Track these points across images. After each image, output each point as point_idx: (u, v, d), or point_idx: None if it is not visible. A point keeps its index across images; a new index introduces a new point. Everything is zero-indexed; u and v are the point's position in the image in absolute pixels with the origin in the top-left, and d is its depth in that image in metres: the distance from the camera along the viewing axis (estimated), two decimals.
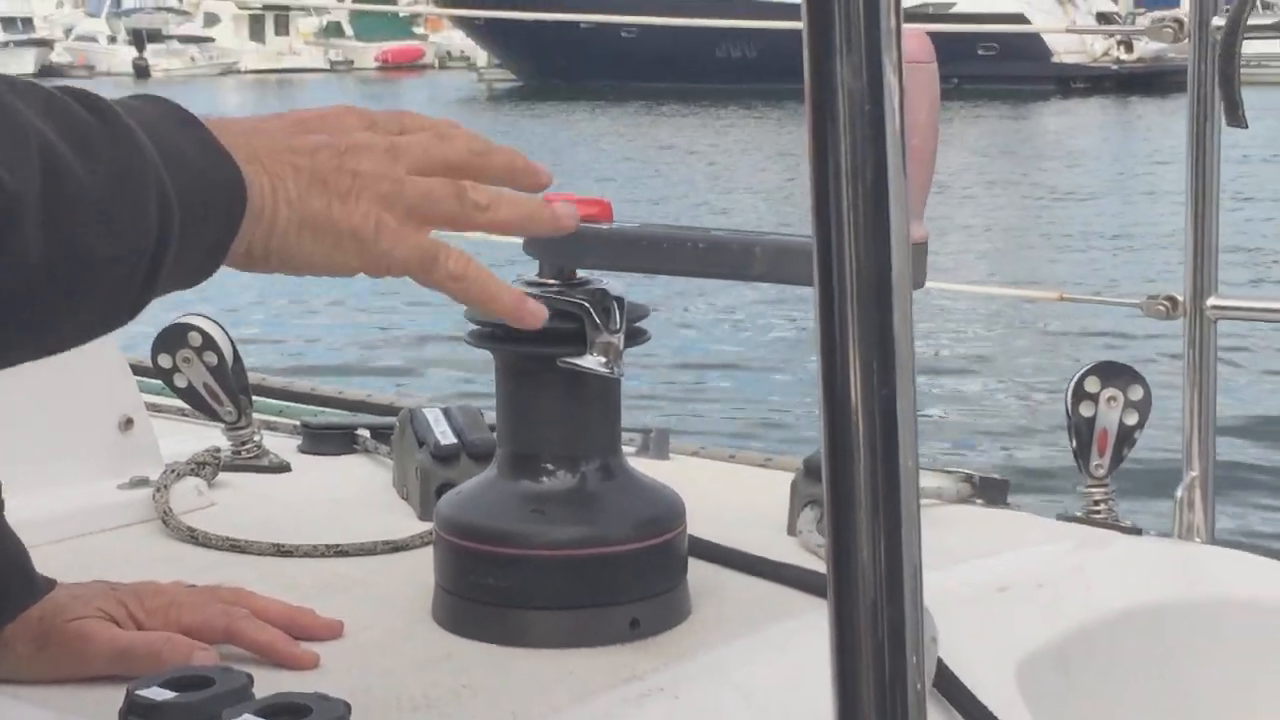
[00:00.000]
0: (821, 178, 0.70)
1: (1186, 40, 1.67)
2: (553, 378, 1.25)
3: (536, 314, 1.05)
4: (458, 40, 46.66)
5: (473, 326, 1.28)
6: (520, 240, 1.29)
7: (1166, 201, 15.42)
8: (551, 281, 1.27)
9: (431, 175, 1.01)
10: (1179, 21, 1.68)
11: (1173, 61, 35.05)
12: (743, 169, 19.81)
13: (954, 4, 33.53)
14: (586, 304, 1.23)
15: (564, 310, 1.24)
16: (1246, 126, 1.59)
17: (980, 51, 31.26)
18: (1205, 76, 1.65)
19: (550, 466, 1.27)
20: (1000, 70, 31.15)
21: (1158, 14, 1.70)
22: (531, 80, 36.12)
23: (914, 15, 32.55)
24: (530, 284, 1.27)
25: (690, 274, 1.21)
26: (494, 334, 1.28)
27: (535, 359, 1.26)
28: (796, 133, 25.16)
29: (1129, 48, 32.16)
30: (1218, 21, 1.63)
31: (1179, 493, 1.69)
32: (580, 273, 1.27)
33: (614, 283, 1.27)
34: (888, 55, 0.69)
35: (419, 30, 50.40)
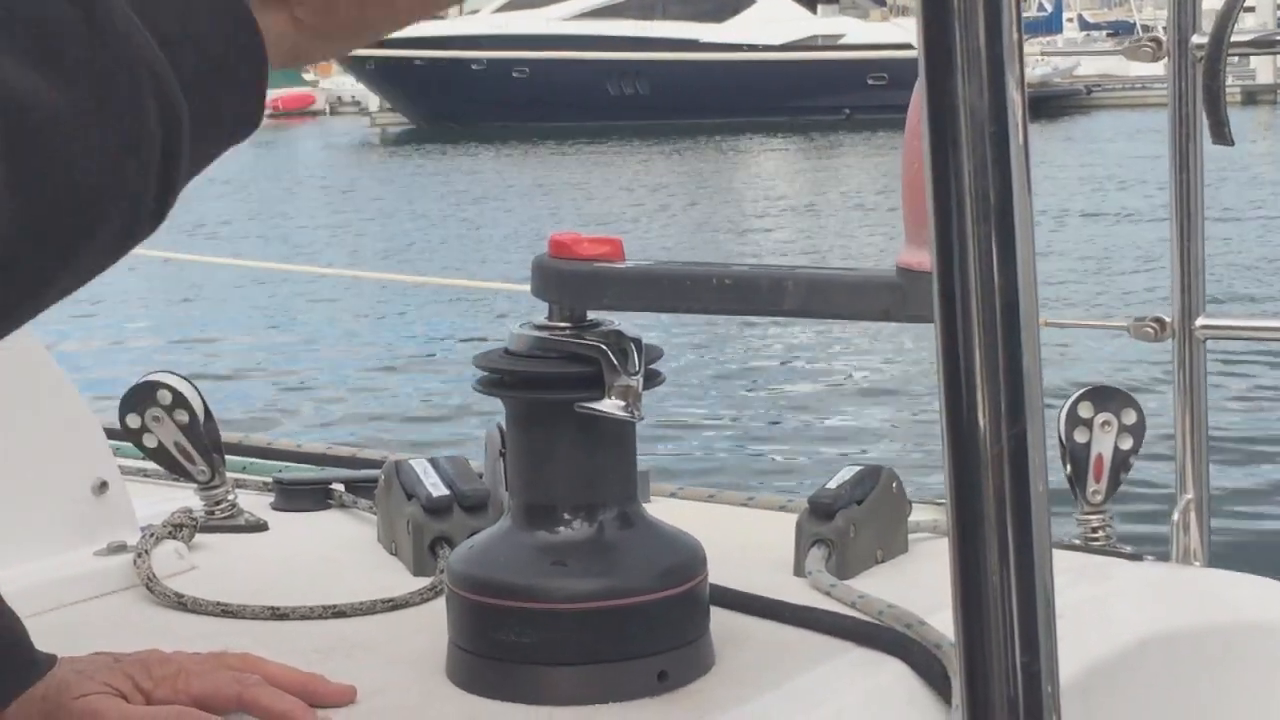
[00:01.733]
0: (943, 204, 0.67)
1: (1165, 59, 1.66)
2: (567, 424, 1.21)
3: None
4: (349, 85, 46.45)
5: (481, 373, 1.24)
6: (529, 285, 1.25)
7: (1067, 222, 15.65)
8: (563, 325, 1.23)
9: None
10: (1157, 41, 1.67)
11: (1059, 86, 35.72)
12: (642, 201, 19.82)
13: (843, 35, 33.93)
14: (604, 347, 1.19)
15: (577, 354, 1.20)
16: (1233, 144, 1.58)
17: (870, 81, 31.62)
18: (1186, 95, 1.64)
19: (568, 516, 1.22)
20: (890, 99, 31.51)
21: (1135, 36, 1.69)
22: (424, 123, 36.00)
23: (802, 46, 32.94)
24: (540, 328, 1.23)
25: (716, 312, 1.17)
26: (504, 380, 1.23)
27: (548, 406, 1.22)
28: (692, 164, 25.28)
29: None
30: (1197, 39, 1.63)
31: (1175, 516, 1.68)
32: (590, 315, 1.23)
33: (625, 324, 1.23)
34: (1011, 73, 0.66)
35: (309, 76, 50.11)
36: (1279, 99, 34.17)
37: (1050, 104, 34.05)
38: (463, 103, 34.69)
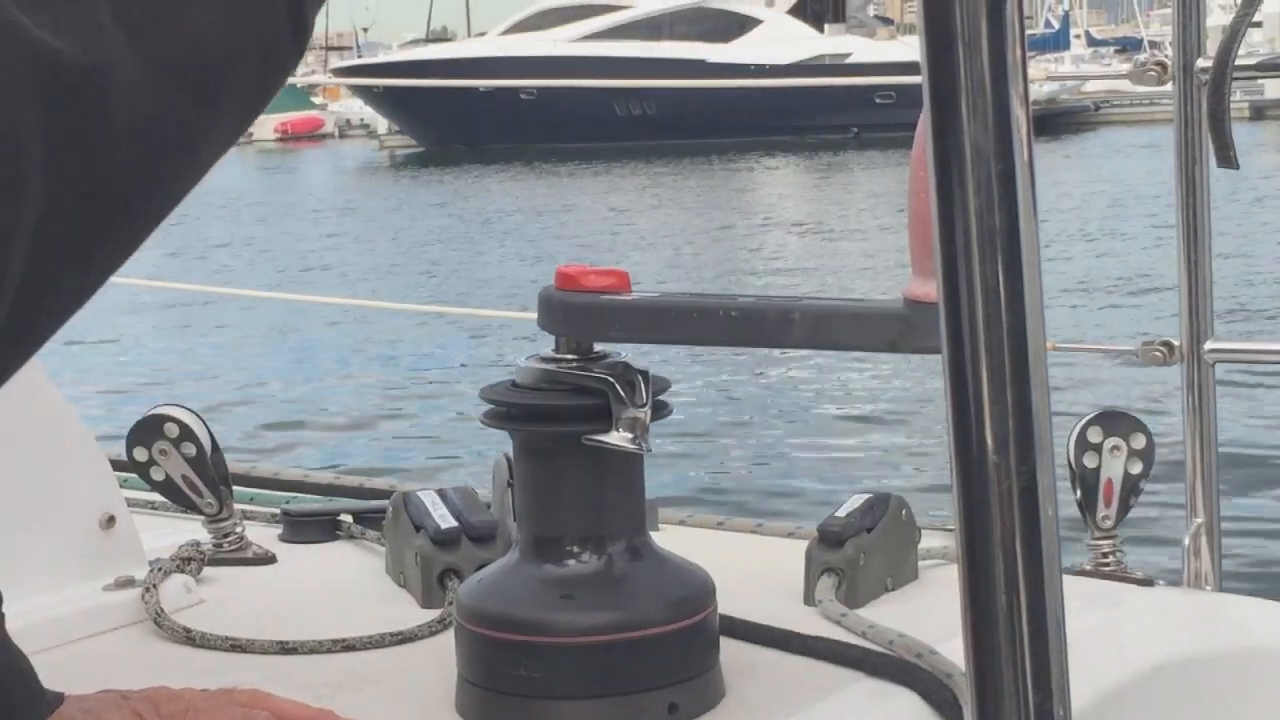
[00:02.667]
0: (949, 239, 0.66)
1: (1171, 83, 1.65)
2: (575, 457, 1.21)
3: None
4: (357, 109, 46.56)
5: (488, 406, 1.24)
6: (535, 315, 1.25)
7: (1073, 245, 15.63)
8: (569, 357, 1.22)
9: None
10: (1162, 64, 1.67)
11: (1066, 103, 35.71)
12: (650, 223, 19.83)
13: (850, 55, 33.96)
14: (611, 379, 1.18)
15: (585, 386, 1.20)
16: (1238, 168, 1.58)
17: (878, 100, 31.63)
18: (1191, 119, 1.64)
19: (576, 549, 1.22)
20: (898, 118, 31.54)
21: (1140, 56, 1.69)
22: (432, 146, 36.06)
23: (810, 66, 33.01)
24: (546, 360, 1.23)
25: (723, 344, 1.17)
26: (511, 414, 1.23)
27: (556, 438, 1.21)
28: (700, 185, 25.30)
29: None
30: (1202, 63, 1.62)
31: (1185, 540, 1.67)
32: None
33: (633, 354, 1.23)
34: (1017, 108, 0.65)
35: (317, 100, 50.21)
36: None
37: (1058, 120, 34.06)
38: (471, 125, 34.75)
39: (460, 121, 34.98)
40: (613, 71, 31.32)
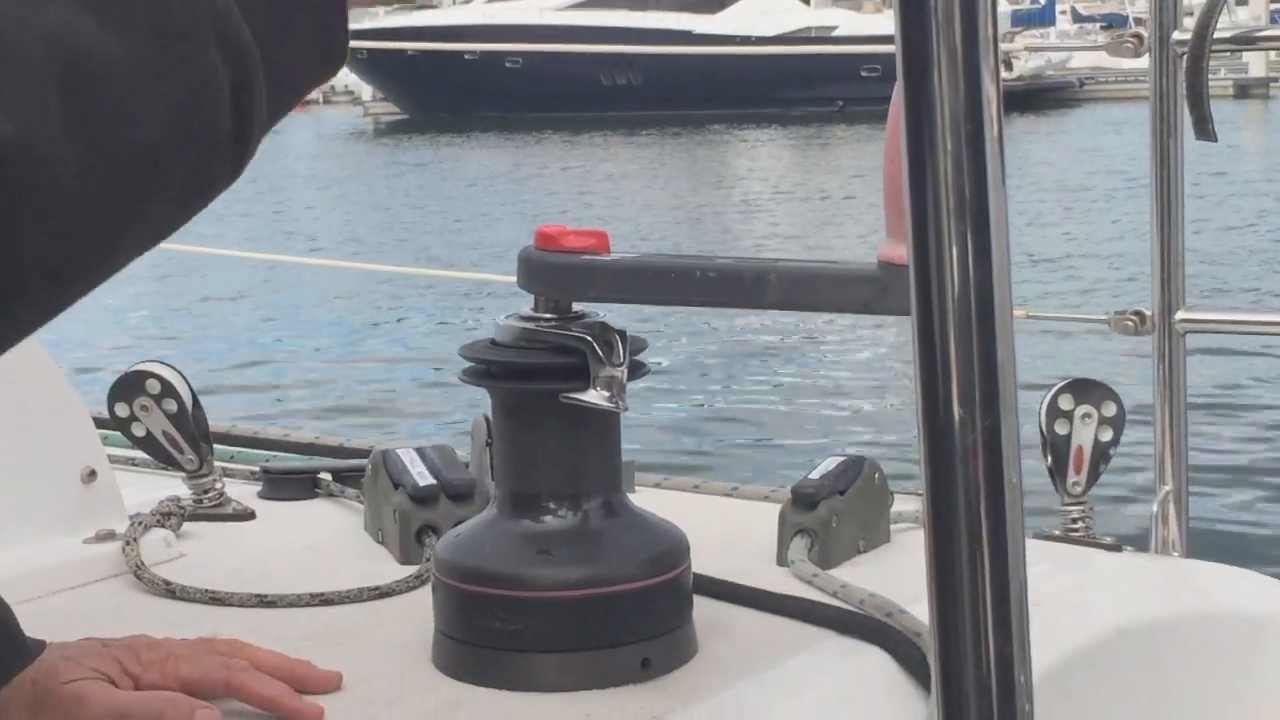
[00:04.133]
0: (920, 201, 0.68)
1: (1147, 55, 1.67)
2: (552, 415, 1.22)
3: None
4: (342, 75, 46.42)
5: (467, 364, 1.25)
6: (515, 276, 1.26)
7: (1053, 219, 15.66)
8: (547, 316, 1.24)
9: None
10: (1139, 36, 1.69)
11: (1051, 79, 35.72)
12: (634, 192, 19.82)
13: (836, 27, 33.92)
14: (589, 338, 1.20)
15: (563, 345, 1.22)
16: (1216, 140, 1.60)
17: (864, 73, 31.61)
18: (1167, 91, 1.66)
19: (552, 505, 1.24)
20: (884, 91, 31.42)
21: (1117, 31, 1.70)
22: (417, 114, 35.96)
23: (796, 37, 32.92)
24: (525, 319, 1.24)
25: (699, 304, 1.19)
26: (490, 371, 1.25)
27: (534, 396, 1.23)
28: (684, 156, 25.26)
29: (1009, 66, 32.66)
30: (1178, 35, 1.64)
31: (1154, 507, 1.70)
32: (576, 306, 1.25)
33: (610, 315, 1.25)
34: (987, 72, 0.67)
35: None
36: (1270, 93, 34.19)
37: (1043, 96, 34.07)
38: (455, 93, 34.65)
39: (445, 89, 34.88)
40: (599, 40, 31.27)
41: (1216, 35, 1.59)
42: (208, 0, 0.71)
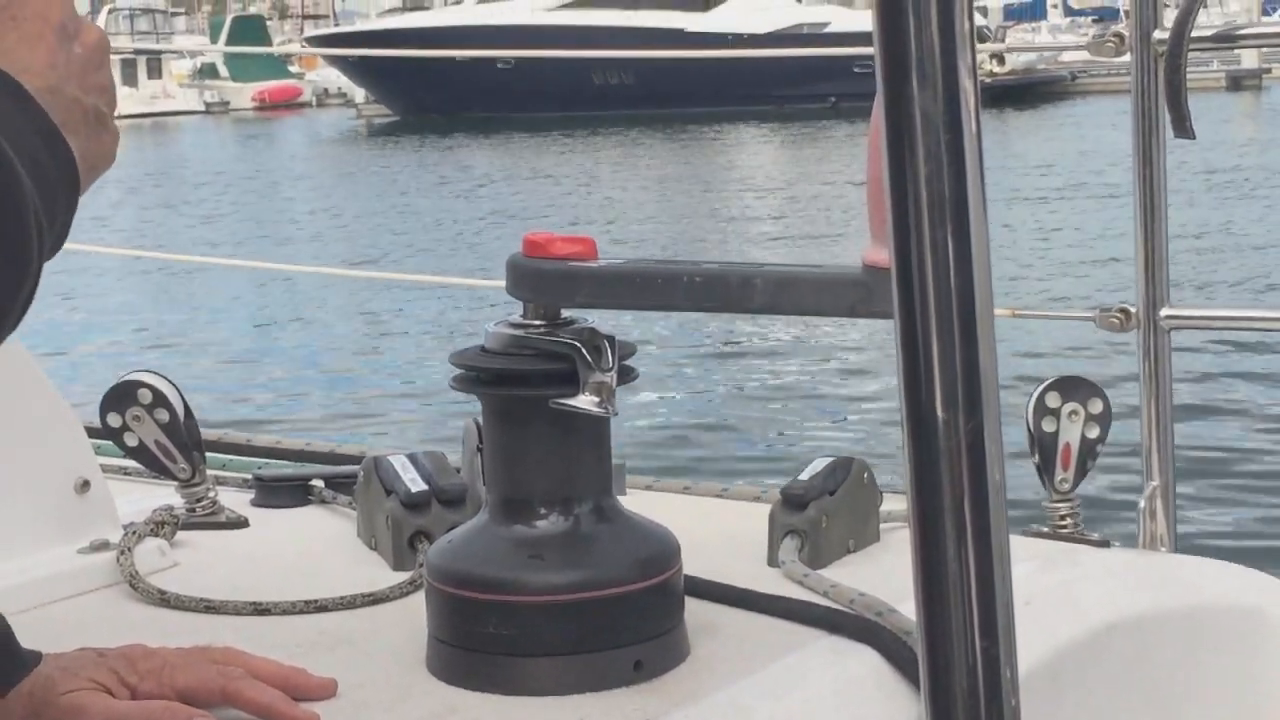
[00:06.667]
0: (901, 208, 0.69)
1: (1129, 54, 1.68)
2: (543, 420, 1.23)
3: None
4: (334, 78, 46.38)
5: (458, 371, 1.26)
6: (491, 279, 1.27)
7: (1049, 209, 15.67)
8: (537, 323, 1.25)
9: None
10: (1120, 35, 1.70)
11: (1043, 73, 35.72)
12: (626, 192, 19.82)
13: (828, 24, 33.92)
14: (577, 344, 1.21)
15: (552, 351, 1.23)
16: (1194, 138, 1.61)
17: (856, 69, 31.59)
18: (1149, 89, 1.67)
19: (544, 510, 1.25)
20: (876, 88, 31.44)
21: (1099, 29, 1.71)
22: (409, 115, 35.94)
23: (788, 35, 32.91)
24: (515, 325, 1.25)
25: (686, 309, 1.20)
26: (481, 378, 1.26)
27: (524, 402, 1.24)
28: (677, 155, 25.26)
29: (1000, 61, 32.67)
30: (1159, 34, 1.65)
31: (1141, 503, 1.71)
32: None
33: (599, 321, 1.26)
34: (964, 78, 0.68)
35: (294, 69, 49.95)
36: (1263, 84, 34.22)
37: (1035, 90, 34.08)
38: (447, 94, 34.65)
39: (436, 91, 34.88)
40: (590, 41, 31.26)
41: (1196, 34, 1.60)
42: (25, 184, 0.84)
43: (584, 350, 1.20)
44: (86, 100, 0.95)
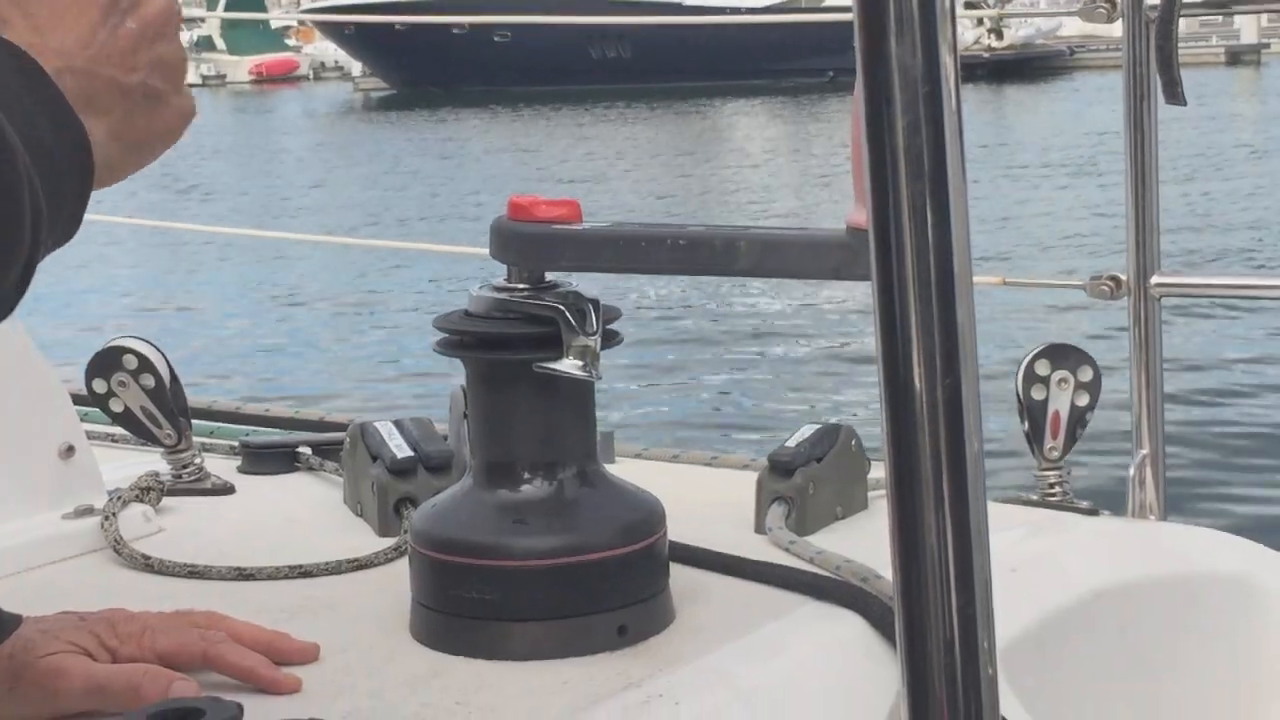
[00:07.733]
0: (879, 164, 0.68)
1: (1120, 20, 1.67)
2: (527, 384, 1.23)
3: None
4: (331, 51, 46.25)
5: (441, 335, 1.26)
6: (487, 248, 1.27)
7: (1055, 183, 15.65)
8: (520, 286, 1.24)
9: None
10: (1112, 2, 1.69)
11: (1041, 48, 35.63)
12: (624, 165, 19.79)
13: None
14: (561, 307, 1.20)
15: (536, 315, 1.22)
16: (1185, 104, 1.60)
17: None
18: (1140, 56, 1.66)
19: (528, 475, 1.24)
20: None
21: None
22: (406, 88, 35.84)
23: (785, 8, 32.86)
24: (498, 289, 1.25)
25: (671, 272, 1.19)
26: (464, 342, 1.25)
27: (508, 366, 1.23)
28: (674, 128, 25.22)
29: (999, 35, 32.58)
30: (1151, 0, 1.64)
31: (1131, 471, 1.71)
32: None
33: (584, 285, 1.25)
34: (943, 35, 0.67)
35: (291, 43, 49.82)
36: (1263, 59, 34.13)
37: (1033, 65, 34.00)
38: (444, 67, 34.54)
39: (433, 64, 34.75)
40: (587, 11, 31.17)
41: (1186, 0, 1.59)
42: (25, 164, 0.80)
43: (568, 313, 1.20)
44: (129, 79, 0.92)
